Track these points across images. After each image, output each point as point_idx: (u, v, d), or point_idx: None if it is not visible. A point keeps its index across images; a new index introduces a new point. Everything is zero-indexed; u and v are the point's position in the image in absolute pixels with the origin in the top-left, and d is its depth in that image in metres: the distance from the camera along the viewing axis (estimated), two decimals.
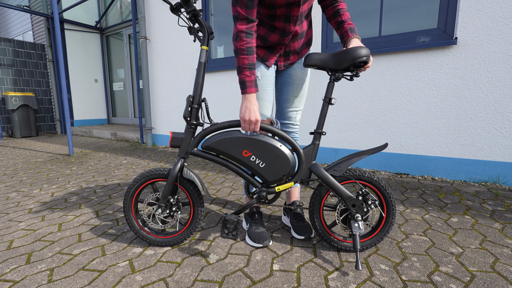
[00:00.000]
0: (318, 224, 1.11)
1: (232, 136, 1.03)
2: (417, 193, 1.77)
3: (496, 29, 1.85)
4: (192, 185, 1.12)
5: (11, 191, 1.93)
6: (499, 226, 1.29)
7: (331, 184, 1.04)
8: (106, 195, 1.82)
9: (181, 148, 1.08)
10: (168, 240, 1.15)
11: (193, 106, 1.05)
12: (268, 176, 1.05)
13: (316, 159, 2.68)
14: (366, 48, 0.96)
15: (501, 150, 1.92)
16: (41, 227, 1.35)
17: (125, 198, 1.15)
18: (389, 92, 2.25)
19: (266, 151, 1.03)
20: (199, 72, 1.04)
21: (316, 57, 1.02)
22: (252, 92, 0.99)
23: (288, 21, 1.06)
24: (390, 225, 1.08)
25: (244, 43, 0.98)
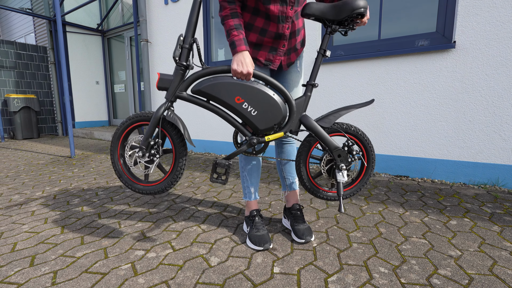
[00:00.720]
0: (305, 175, 1.17)
1: (225, 81, 1.01)
2: (417, 196, 1.78)
3: (494, 33, 1.86)
4: (175, 130, 1.09)
5: (14, 193, 1.95)
6: (497, 229, 1.30)
7: (320, 135, 1.08)
8: (108, 197, 1.83)
9: (168, 90, 1.05)
10: (149, 188, 1.13)
11: (184, 46, 1.02)
12: (259, 124, 1.05)
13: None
14: (364, 0, 0.98)
15: (500, 153, 1.93)
16: (44, 230, 1.37)
17: (112, 141, 1.15)
18: (389, 95, 2.26)
19: (259, 99, 1.02)
20: (193, 10, 1.01)
21: (316, 7, 1.03)
22: (243, 49, 0.99)
23: (285, 3, 1.04)
24: (369, 176, 1.17)
25: (228, 9, 1.01)
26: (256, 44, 1.12)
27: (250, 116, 1.04)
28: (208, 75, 1.05)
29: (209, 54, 3.42)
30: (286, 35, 1.10)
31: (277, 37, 1.10)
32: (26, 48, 5.42)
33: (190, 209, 1.61)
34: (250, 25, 1.09)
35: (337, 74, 2.47)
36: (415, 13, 2.17)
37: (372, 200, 1.72)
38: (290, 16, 1.07)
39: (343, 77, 2.44)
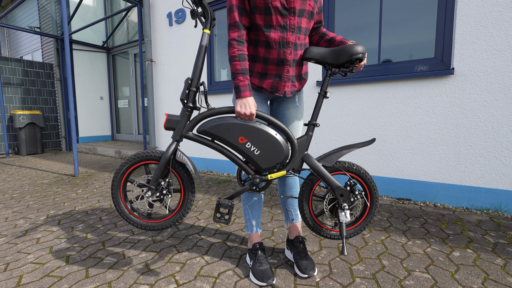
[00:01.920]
0: (307, 213, 1.18)
1: (229, 122, 1.05)
2: (419, 222, 1.78)
3: (491, 61, 1.91)
4: (185, 170, 1.12)
5: (19, 218, 1.97)
6: (501, 262, 1.30)
7: (322, 174, 1.10)
8: (112, 223, 1.84)
9: (175, 130, 1.09)
10: (154, 224, 1.15)
11: (191, 89, 1.06)
12: (262, 164, 1.08)
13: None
14: (362, 46, 1.03)
15: (502, 178, 1.94)
16: (49, 260, 1.38)
17: (115, 176, 1.15)
18: (389, 118, 2.30)
19: (262, 139, 1.05)
20: (199, 55, 1.05)
21: (316, 51, 1.08)
22: (247, 96, 1.03)
23: (285, 29, 1.08)
24: (372, 215, 1.18)
25: (236, 50, 1.04)
26: (262, 73, 1.15)
27: (253, 155, 1.07)
28: (213, 115, 1.09)
29: (212, 74, 3.50)
30: (288, 60, 1.12)
31: (279, 63, 1.12)
32: (33, 65, 5.55)
33: (193, 238, 1.62)
34: (254, 56, 1.14)
35: (338, 96, 2.51)
36: (414, 38, 2.23)
37: (375, 227, 1.72)
38: (291, 41, 1.10)
39: (343, 99, 2.49)
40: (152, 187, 1.12)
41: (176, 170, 1.13)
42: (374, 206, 1.18)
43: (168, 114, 1.11)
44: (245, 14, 1.06)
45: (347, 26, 2.50)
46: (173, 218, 1.16)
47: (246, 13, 1.07)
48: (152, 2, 3.87)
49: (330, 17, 2.54)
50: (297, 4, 1.05)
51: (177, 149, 1.11)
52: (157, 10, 3.83)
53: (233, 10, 1.06)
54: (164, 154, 1.09)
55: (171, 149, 1.09)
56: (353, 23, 2.48)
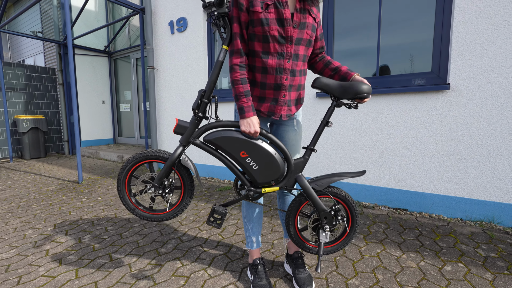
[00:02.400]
0: (292, 228, 1.26)
1: (234, 136, 1.12)
2: (414, 234, 1.85)
3: (486, 77, 1.97)
4: (187, 173, 1.22)
5: (27, 228, 2.04)
6: (490, 277, 1.36)
7: (311, 196, 1.18)
8: (117, 234, 1.91)
9: (183, 136, 1.16)
10: (155, 216, 1.26)
11: (203, 100, 1.14)
12: (258, 178, 1.16)
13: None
14: (368, 85, 1.10)
15: (495, 191, 2.00)
16: (59, 274, 1.45)
17: (121, 171, 1.23)
18: (387, 130, 2.35)
19: (261, 156, 1.13)
20: (215, 69, 1.13)
21: (324, 81, 1.14)
22: (251, 116, 1.10)
23: (282, 57, 1.13)
24: (350, 239, 1.27)
25: (238, 74, 1.11)
26: (260, 97, 1.20)
27: (252, 170, 1.15)
28: (220, 127, 1.16)
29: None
30: (285, 85, 1.17)
31: (276, 88, 1.17)
32: (35, 70, 5.61)
33: (196, 250, 1.68)
34: (252, 81, 1.19)
35: (337, 108, 2.57)
36: (412, 52, 2.29)
37: (371, 239, 1.79)
38: (287, 68, 1.15)
39: (342, 110, 2.54)
40: (156, 185, 1.20)
41: (180, 172, 1.22)
42: (353, 231, 1.26)
43: (179, 120, 1.18)
44: (244, 41, 1.12)
45: (346, 50, 2.56)
46: (172, 212, 1.26)
47: (245, 40, 1.13)
48: (154, 10, 3.92)
49: (329, 22, 2.60)
50: (294, 34, 1.10)
51: (183, 153, 1.19)
52: (159, 18, 3.89)
53: (235, 38, 1.12)
54: (171, 156, 1.17)
55: (177, 152, 1.17)
56: (353, 23, 2.54)
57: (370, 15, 2.43)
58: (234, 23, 1.11)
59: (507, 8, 1.86)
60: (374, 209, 2.34)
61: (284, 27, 1.08)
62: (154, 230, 1.97)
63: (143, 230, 1.98)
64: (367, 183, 2.49)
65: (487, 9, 1.92)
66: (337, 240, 1.29)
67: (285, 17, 1.07)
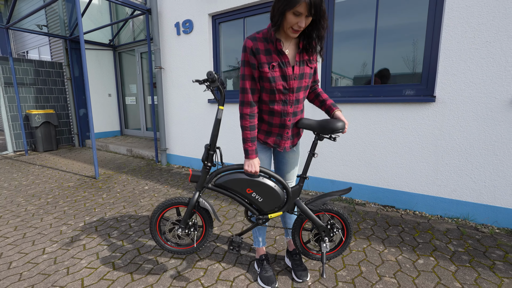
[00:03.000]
0: (298, 242, 1.55)
1: (239, 177, 1.38)
2: (397, 231, 2.14)
3: (468, 92, 2.18)
4: (206, 212, 1.49)
5: (61, 224, 2.34)
6: (453, 269, 1.66)
7: (309, 216, 1.46)
8: (141, 230, 2.21)
9: (198, 183, 1.43)
10: (182, 251, 1.54)
11: (210, 152, 1.41)
12: (264, 208, 1.43)
13: (315, 188, 3.05)
14: (343, 122, 1.34)
15: (471, 193, 2.27)
16: (99, 266, 1.75)
17: (152, 216, 1.51)
18: (379, 136, 2.60)
19: (264, 190, 1.39)
20: (216, 126, 1.37)
21: (306, 122, 1.40)
22: (253, 158, 1.35)
23: (286, 103, 1.36)
24: (347, 245, 1.55)
25: (248, 122, 1.34)
26: (267, 131, 1.45)
27: (257, 202, 1.41)
28: (226, 171, 1.41)
29: None
30: (288, 125, 1.42)
31: (281, 127, 1.42)
32: (43, 65, 5.76)
33: (210, 245, 1.98)
34: (261, 118, 1.43)
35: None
36: (405, 65, 2.48)
37: (360, 235, 2.08)
38: (290, 112, 1.39)
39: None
40: (182, 226, 1.47)
41: (200, 213, 1.48)
42: (348, 239, 1.53)
43: (192, 170, 1.45)
44: (256, 92, 1.33)
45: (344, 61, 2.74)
46: (198, 245, 1.54)
47: (258, 91, 1.34)
48: (160, 11, 4.04)
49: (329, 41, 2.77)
50: (295, 84, 1.33)
51: (200, 197, 1.44)
52: (165, 18, 4.01)
53: (247, 92, 1.32)
54: (191, 201, 1.43)
55: (195, 197, 1.44)
56: (351, 30, 2.72)
57: (368, 28, 2.59)
58: (246, 80, 1.31)
59: (489, 30, 2.05)
60: (365, 206, 2.63)
61: (287, 81, 1.31)
62: None
63: None
64: (360, 182, 2.77)
65: (471, 30, 2.11)
66: (336, 247, 1.57)
67: (288, 74, 1.30)
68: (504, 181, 2.14)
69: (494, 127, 2.12)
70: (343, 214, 1.49)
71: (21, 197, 2.98)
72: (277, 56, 1.28)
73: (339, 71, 2.82)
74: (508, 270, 1.64)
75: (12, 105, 5.41)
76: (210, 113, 3.79)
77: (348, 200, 2.79)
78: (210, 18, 3.61)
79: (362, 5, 2.59)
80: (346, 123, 1.36)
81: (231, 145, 3.65)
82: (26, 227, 2.29)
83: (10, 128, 5.40)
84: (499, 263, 1.71)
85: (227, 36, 3.60)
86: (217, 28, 3.62)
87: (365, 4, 2.58)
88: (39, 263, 1.80)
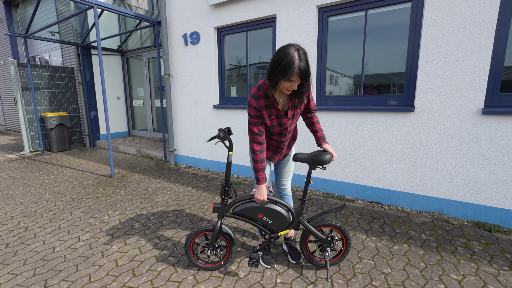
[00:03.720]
0: (305, 252, 1.85)
1: (251, 206, 1.72)
2: (380, 223, 2.49)
3: (441, 103, 2.52)
4: (228, 235, 1.83)
5: (88, 217, 2.69)
6: (422, 253, 2.00)
7: (312, 232, 1.76)
8: (159, 222, 2.56)
9: (219, 213, 1.78)
10: (213, 267, 1.87)
11: (225, 188, 1.76)
12: (274, 228, 1.77)
13: (310, 187, 3.40)
14: (330, 154, 1.66)
15: (444, 190, 2.62)
16: (127, 251, 2.10)
17: (187, 241, 1.85)
18: (366, 140, 2.94)
19: (272, 214, 1.73)
20: (228, 168, 1.71)
21: (300, 157, 1.71)
22: (263, 184, 1.68)
23: (281, 135, 1.72)
24: (347, 253, 1.83)
25: (259, 157, 1.66)
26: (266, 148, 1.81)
27: (268, 224, 1.74)
28: (240, 201, 1.74)
29: (223, 91, 4.09)
30: (282, 147, 1.79)
31: (277, 148, 1.78)
32: (57, 70, 6.10)
33: None
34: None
35: (329, 120, 3.14)
36: (389, 76, 2.82)
37: (347, 227, 2.43)
38: (284, 140, 1.75)
39: (332, 123, 3.12)
40: (211, 248, 1.81)
41: (224, 237, 1.81)
42: (347, 249, 1.82)
43: (214, 203, 1.77)
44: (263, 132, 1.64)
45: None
46: (224, 262, 1.86)
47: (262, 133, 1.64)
48: (169, 23, 4.37)
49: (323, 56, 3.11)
50: (289, 123, 1.67)
51: (222, 224, 1.78)
52: (173, 30, 4.35)
53: (256, 135, 1.63)
54: (215, 228, 1.76)
55: (218, 225, 1.77)
56: (343, 50, 3.06)
57: (357, 50, 2.93)
58: (254, 126, 1.61)
59: (458, 51, 2.38)
60: (354, 203, 2.98)
61: (282, 126, 1.66)
62: (185, 220, 2.62)
63: (176, 219, 2.63)
64: (350, 181, 3.11)
65: (444, 49, 2.44)
66: (338, 255, 1.85)
67: (283, 122, 1.64)
68: (472, 180, 2.48)
69: (463, 134, 2.46)
70: (341, 226, 1.78)
71: (48, 194, 3.34)
72: (275, 110, 1.60)
73: (332, 82, 3.16)
74: (466, 254, 1.99)
75: (28, 108, 5.76)
76: (215, 117, 4.13)
77: (340, 197, 3.13)
78: (216, 30, 3.95)
79: (352, 30, 2.93)
80: (333, 154, 1.67)
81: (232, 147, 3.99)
82: (59, 220, 2.64)
83: (26, 130, 5.75)
84: (461, 248, 2.06)
85: (231, 47, 3.93)
86: (221, 39, 3.96)
87: (354, 30, 2.92)
88: (77, 248, 2.15)
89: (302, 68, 1.37)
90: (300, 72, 1.37)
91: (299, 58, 1.36)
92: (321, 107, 3.14)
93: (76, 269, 1.90)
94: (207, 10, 3.90)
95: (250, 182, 3.68)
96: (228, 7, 3.68)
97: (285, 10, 3.24)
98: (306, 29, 3.12)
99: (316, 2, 3.01)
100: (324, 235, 1.78)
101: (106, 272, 1.86)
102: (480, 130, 2.38)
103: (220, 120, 4.08)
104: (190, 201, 3.08)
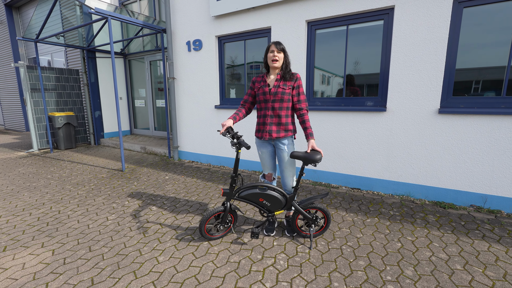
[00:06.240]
0: (295, 227, 2.35)
1: (254, 192, 2.19)
2: (357, 204, 3.00)
3: (407, 104, 3.05)
4: (234, 212, 2.31)
5: (111, 203, 3.12)
6: (388, 224, 2.52)
7: (300, 212, 2.26)
8: (173, 205, 3.02)
9: (227, 196, 2.23)
10: (220, 236, 2.34)
11: (233, 178, 2.21)
12: (272, 209, 2.25)
13: (302, 177, 3.90)
14: (320, 155, 2.12)
15: (411, 177, 3.15)
16: (151, 226, 2.55)
17: (201, 221, 2.30)
18: (348, 135, 3.46)
19: (271, 198, 2.20)
20: (236, 162, 2.17)
21: (295, 154, 2.17)
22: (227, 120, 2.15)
23: (266, 109, 2.20)
24: (327, 228, 2.34)
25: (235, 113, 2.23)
26: (258, 128, 2.29)
27: (267, 206, 2.23)
28: (244, 189, 2.21)
29: (223, 93, 4.56)
30: (267, 123, 2.22)
31: (263, 124, 2.24)
32: (63, 72, 6.44)
33: None
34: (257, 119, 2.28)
35: (316, 119, 3.65)
36: (366, 81, 3.35)
37: (330, 207, 2.94)
38: (268, 114, 2.22)
39: (320, 121, 3.62)
40: (223, 223, 2.27)
41: (232, 214, 2.30)
42: (327, 225, 2.31)
43: (223, 188, 2.23)
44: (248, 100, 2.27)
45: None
46: (230, 231, 2.35)
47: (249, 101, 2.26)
48: (173, 30, 4.80)
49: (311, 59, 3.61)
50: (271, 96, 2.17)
51: (230, 204, 2.24)
52: (177, 37, 4.78)
53: (243, 98, 2.27)
54: (226, 209, 2.22)
55: (228, 205, 2.22)
56: (327, 57, 3.56)
57: (340, 54, 3.44)
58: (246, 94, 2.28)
59: (420, 61, 2.92)
60: (338, 189, 3.50)
61: (265, 94, 2.18)
62: (195, 203, 3.09)
63: (187, 203, 3.09)
64: (335, 171, 3.63)
65: (409, 59, 2.97)
66: (320, 229, 2.34)
67: (266, 90, 2.18)
68: (432, 167, 3.02)
69: (425, 130, 3.00)
70: (324, 208, 2.27)
71: (68, 185, 3.75)
72: (263, 82, 2.20)
73: (320, 85, 3.67)
74: (422, 223, 2.52)
75: (36, 108, 6.09)
76: (216, 116, 4.59)
77: (326, 185, 3.65)
78: (217, 38, 4.41)
79: (336, 41, 3.44)
80: (321, 153, 2.13)
81: (227, 142, 4.46)
82: (85, 205, 3.07)
83: (35, 129, 6.09)
84: (419, 220, 2.59)
85: (230, 54, 4.40)
86: (222, 47, 4.42)
87: (337, 41, 3.42)
88: (108, 225, 2.59)
89: (275, 40, 2.06)
90: (274, 42, 2.12)
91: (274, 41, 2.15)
92: (310, 108, 3.64)
93: (111, 239, 2.34)
94: (209, 20, 4.35)
95: (247, 174, 4.16)
96: (228, 19, 4.15)
97: (279, 23, 3.73)
98: (297, 40, 3.62)
99: (306, 17, 3.51)
100: (310, 215, 2.27)
101: (137, 240, 2.32)
102: (437, 127, 2.92)
103: (220, 119, 4.54)
104: (197, 189, 3.54)
